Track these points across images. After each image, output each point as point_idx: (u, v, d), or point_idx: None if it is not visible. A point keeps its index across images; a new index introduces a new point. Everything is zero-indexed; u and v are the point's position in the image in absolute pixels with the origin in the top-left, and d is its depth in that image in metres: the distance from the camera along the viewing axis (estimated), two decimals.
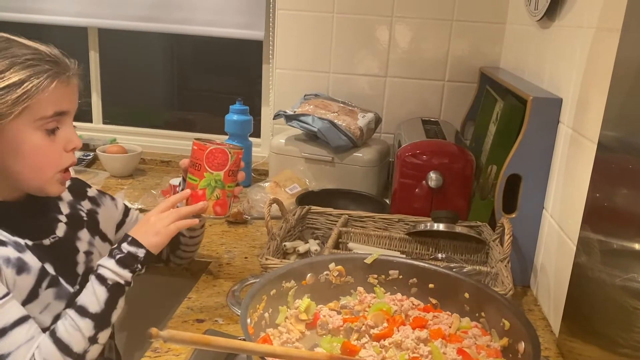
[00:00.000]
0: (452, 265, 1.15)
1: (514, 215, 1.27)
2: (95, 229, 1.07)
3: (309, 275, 0.94)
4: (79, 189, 1.10)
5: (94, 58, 2.15)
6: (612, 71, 0.90)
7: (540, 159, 1.22)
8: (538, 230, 1.26)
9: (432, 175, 1.39)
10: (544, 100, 1.20)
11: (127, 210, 1.18)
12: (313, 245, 1.29)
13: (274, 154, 1.72)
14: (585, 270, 0.97)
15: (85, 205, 1.08)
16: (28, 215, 0.95)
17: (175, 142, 2.18)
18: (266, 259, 1.12)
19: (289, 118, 1.66)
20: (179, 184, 1.18)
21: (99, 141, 2.07)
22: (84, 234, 1.04)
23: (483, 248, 1.30)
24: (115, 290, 0.92)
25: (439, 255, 1.29)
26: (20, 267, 0.87)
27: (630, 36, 0.86)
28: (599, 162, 0.94)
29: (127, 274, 0.93)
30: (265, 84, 2.01)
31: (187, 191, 1.03)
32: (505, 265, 1.14)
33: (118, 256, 0.94)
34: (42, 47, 0.90)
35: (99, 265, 0.94)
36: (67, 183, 0.98)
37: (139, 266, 0.95)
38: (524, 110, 1.22)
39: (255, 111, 2.03)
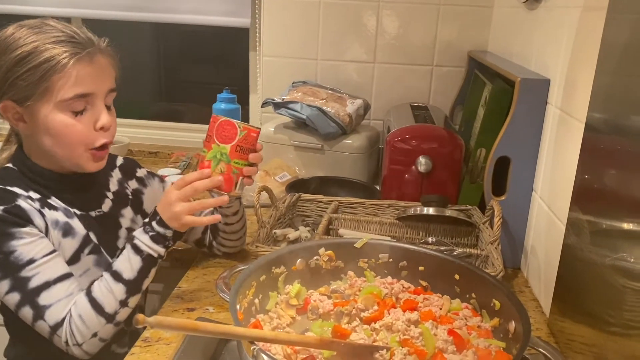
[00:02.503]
0: (442, 248, 1.15)
1: (503, 198, 1.27)
2: (138, 208, 1.13)
3: (299, 260, 0.93)
4: (130, 168, 1.16)
5: None
6: (598, 51, 0.90)
7: (528, 141, 1.22)
8: (528, 212, 1.27)
9: (422, 160, 1.39)
10: (532, 81, 1.19)
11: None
12: (303, 232, 1.29)
13: (263, 142, 1.69)
14: (574, 251, 0.97)
15: (132, 184, 1.15)
16: (78, 188, 1.02)
17: (163, 133, 2.16)
18: (256, 246, 1.11)
19: (277, 106, 1.65)
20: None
21: None
22: (128, 212, 1.10)
23: (473, 231, 1.30)
24: (148, 261, 0.97)
25: (430, 239, 1.29)
26: (67, 231, 0.97)
27: (615, 15, 0.85)
28: (587, 143, 0.94)
29: (160, 249, 0.98)
30: (253, 72, 2.00)
31: (206, 170, 1.00)
32: (496, 248, 1.14)
33: (151, 233, 0.97)
34: (65, 28, 0.93)
35: (134, 236, 0.98)
36: (103, 160, 1.01)
37: (171, 242, 0.99)
38: (512, 93, 1.21)
39: (244, 100, 2.02)
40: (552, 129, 1.15)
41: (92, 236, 1.01)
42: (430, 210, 1.29)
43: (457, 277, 0.90)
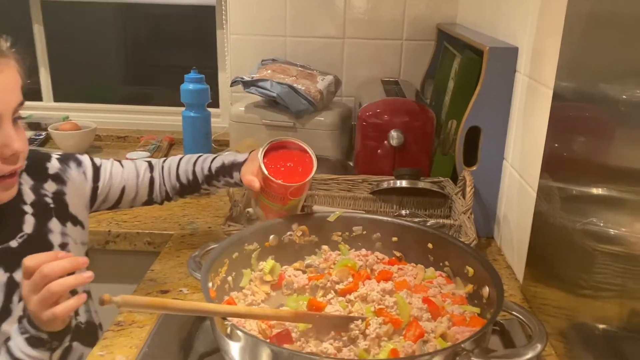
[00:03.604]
0: (416, 219, 1.16)
1: (474, 168, 1.27)
2: (65, 215, 0.96)
3: (272, 236, 0.92)
4: (38, 167, 0.94)
5: (38, 32, 2.05)
6: (564, 20, 0.90)
7: (498, 110, 1.22)
8: (499, 181, 1.28)
9: (394, 134, 1.38)
10: (500, 50, 1.19)
11: (96, 174, 1.03)
12: None
13: (234, 122, 1.68)
14: (545, 217, 0.98)
15: (50, 187, 0.94)
16: None
17: (131, 117, 2.12)
18: (229, 225, 1.10)
19: (247, 84, 1.62)
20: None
21: (50, 120, 1.99)
22: (55, 225, 0.93)
23: (446, 202, 1.31)
24: None
25: (403, 212, 1.29)
26: None
27: None
28: (556, 111, 0.94)
29: (40, 356, 0.77)
30: (221, 50, 1.96)
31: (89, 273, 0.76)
32: (468, 217, 1.14)
33: (24, 335, 0.76)
34: None
35: (7, 338, 0.78)
36: (14, 187, 0.84)
37: (57, 343, 0.78)
38: (481, 63, 1.21)
39: (213, 82, 1.98)
40: (521, 97, 1.15)
41: (19, 275, 0.81)
42: (403, 183, 1.29)
43: (430, 246, 0.90)
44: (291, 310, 0.74)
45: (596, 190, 0.81)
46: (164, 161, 1.13)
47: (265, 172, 0.89)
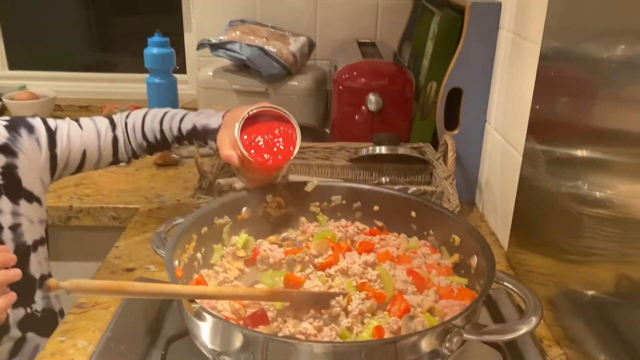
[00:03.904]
0: (396, 187, 1.10)
1: (456, 132, 1.22)
2: (17, 191, 0.86)
3: (244, 209, 0.85)
4: None
5: None
6: None
7: (481, 70, 1.16)
8: (481, 145, 1.23)
9: (372, 97, 1.31)
10: (483, 5, 1.12)
11: (52, 139, 0.93)
12: None
13: (202, 88, 1.59)
14: (531, 181, 0.94)
15: None
16: None
17: (93, 85, 2.01)
18: (198, 197, 1.03)
19: (214, 47, 1.53)
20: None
21: (5, 89, 1.87)
22: (5, 204, 0.85)
23: (427, 168, 1.26)
24: None
25: (383, 179, 1.23)
26: None
27: None
28: (543, 70, 0.89)
29: None
30: (186, 11, 1.84)
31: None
32: (450, 183, 1.10)
33: None
34: None
35: None
36: None
37: None
38: (462, 20, 1.14)
39: (180, 47, 1.88)
40: (506, 55, 1.09)
41: None
42: (383, 150, 1.23)
43: (413, 214, 0.85)
44: (266, 288, 0.68)
45: (583, 153, 0.78)
46: (127, 117, 1.03)
47: (245, 153, 0.82)
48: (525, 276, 0.94)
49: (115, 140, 1.00)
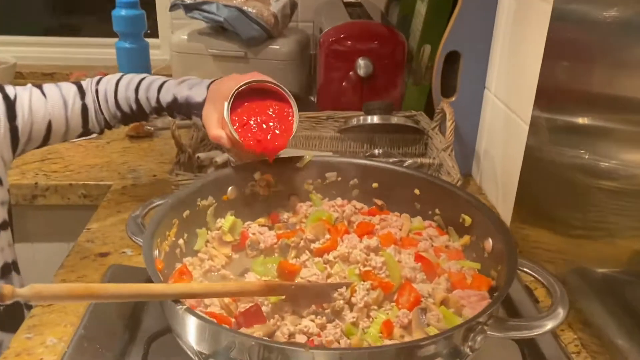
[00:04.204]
0: (391, 160, 1.03)
1: (453, 99, 1.14)
2: None
3: (230, 188, 0.77)
4: None
5: None
6: None
7: (480, 32, 1.08)
8: (479, 113, 1.15)
9: (361, 62, 1.22)
10: None
11: (11, 110, 0.83)
12: None
13: (176, 53, 1.47)
14: (538, 152, 0.89)
15: None
16: None
17: (59, 51, 1.87)
18: (176, 174, 0.93)
19: (189, 8, 1.40)
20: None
21: None
22: None
23: (421, 139, 1.18)
24: None
25: (376, 151, 1.15)
26: None
27: None
28: (554, 33, 0.81)
29: None
30: None
31: None
32: (449, 154, 1.03)
33: None
34: None
35: None
36: None
37: None
38: None
39: (151, 9, 1.74)
40: (509, 15, 1.01)
41: None
42: (375, 119, 1.15)
43: (417, 192, 0.77)
44: (261, 282, 0.60)
45: (598, 122, 0.72)
46: (98, 83, 0.92)
47: (237, 137, 0.73)
48: (531, 253, 0.89)
49: (84, 109, 0.89)
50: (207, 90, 0.84)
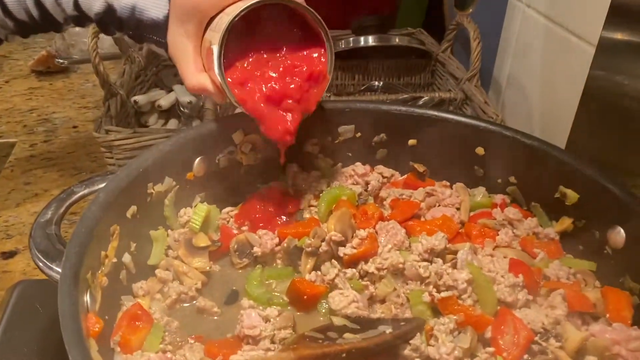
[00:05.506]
0: (401, 97, 0.77)
1: (470, 11, 0.87)
2: None
3: (197, 160, 0.49)
4: None
5: None
6: None
7: None
8: (500, 30, 0.90)
9: None
10: None
11: None
12: (184, 94, 0.79)
13: None
14: (603, 82, 0.65)
15: None
16: None
17: None
18: (106, 130, 0.63)
19: None
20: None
21: None
22: None
23: (428, 64, 0.92)
24: None
25: (375, 83, 0.89)
26: None
27: None
28: None
29: None
30: None
31: None
32: (476, 85, 0.78)
33: None
34: None
35: None
36: None
37: None
38: None
39: None
40: None
41: None
42: (370, 41, 0.87)
43: (480, 151, 0.52)
44: (286, 356, 0.34)
45: None
46: None
47: (236, 103, 0.45)
48: None
49: None
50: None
